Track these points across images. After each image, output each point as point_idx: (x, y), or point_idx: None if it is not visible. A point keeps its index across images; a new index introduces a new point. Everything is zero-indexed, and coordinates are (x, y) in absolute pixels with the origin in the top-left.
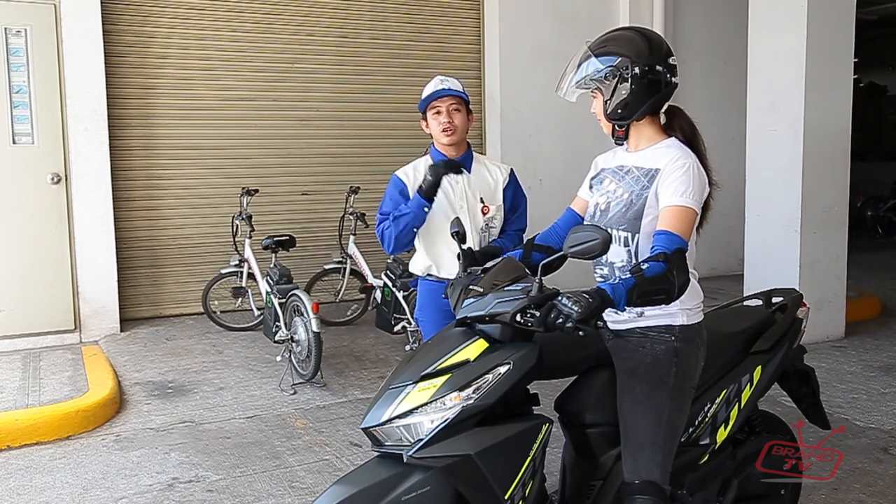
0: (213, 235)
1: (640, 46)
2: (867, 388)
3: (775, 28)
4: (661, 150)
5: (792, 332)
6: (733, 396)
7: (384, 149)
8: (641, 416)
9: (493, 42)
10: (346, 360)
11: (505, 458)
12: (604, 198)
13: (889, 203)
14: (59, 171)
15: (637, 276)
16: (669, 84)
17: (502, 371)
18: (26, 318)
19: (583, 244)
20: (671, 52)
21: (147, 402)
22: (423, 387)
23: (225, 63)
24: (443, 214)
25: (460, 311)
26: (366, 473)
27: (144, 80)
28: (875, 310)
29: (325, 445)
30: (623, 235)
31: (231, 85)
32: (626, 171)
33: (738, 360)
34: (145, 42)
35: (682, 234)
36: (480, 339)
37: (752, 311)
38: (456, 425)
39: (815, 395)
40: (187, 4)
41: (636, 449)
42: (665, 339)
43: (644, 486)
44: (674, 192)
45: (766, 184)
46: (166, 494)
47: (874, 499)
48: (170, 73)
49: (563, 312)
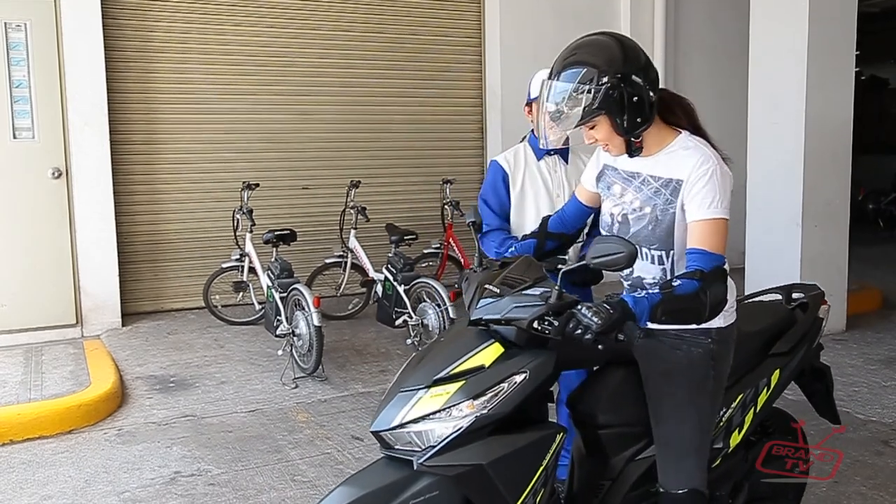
0: (214, 230)
1: (611, 54)
2: (868, 381)
3: (777, 21)
4: (677, 155)
5: (812, 333)
6: (749, 401)
7: (385, 143)
8: (684, 423)
9: (494, 36)
10: (347, 354)
11: (517, 467)
12: (618, 208)
13: (890, 196)
14: (59, 165)
15: (666, 292)
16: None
17: (518, 380)
18: (28, 312)
19: (607, 256)
20: (651, 64)
21: (149, 396)
22: (436, 392)
23: (226, 57)
24: (541, 202)
25: (475, 311)
26: (374, 475)
27: (145, 75)
28: (876, 303)
29: (327, 439)
30: (656, 254)
31: (232, 79)
32: (640, 180)
33: (756, 361)
34: (146, 36)
35: (717, 250)
36: (496, 343)
37: (771, 309)
38: (468, 434)
39: (829, 393)
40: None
41: (680, 457)
42: (701, 341)
43: (691, 495)
44: (700, 204)
45: (768, 177)
46: (168, 488)
47: (875, 491)
48: (170, 68)
49: (582, 323)
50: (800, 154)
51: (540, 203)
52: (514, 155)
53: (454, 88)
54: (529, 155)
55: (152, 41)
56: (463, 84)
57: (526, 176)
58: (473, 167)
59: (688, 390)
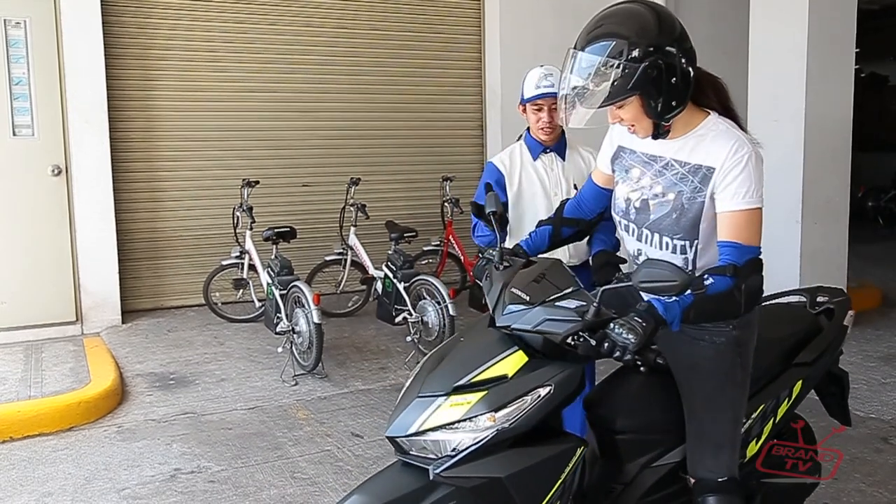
0: (214, 227)
1: (643, 22)
2: (867, 377)
3: (777, 19)
4: (707, 139)
5: (837, 342)
6: (770, 411)
7: (385, 140)
8: (717, 416)
9: (494, 35)
10: (347, 352)
11: (536, 480)
12: (636, 193)
13: (890, 194)
14: (59, 163)
15: (698, 293)
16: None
17: (542, 394)
18: (28, 310)
19: (657, 283)
20: (686, 35)
21: (149, 393)
22: (456, 402)
23: (226, 55)
24: (538, 202)
25: (502, 318)
26: (389, 483)
27: (145, 72)
28: (875, 300)
29: (327, 436)
30: (679, 244)
31: (232, 76)
32: (663, 164)
33: (778, 371)
34: (146, 33)
35: (752, 242)
36: (519, 351)
37: (795, 315)
38: (488, 446)
39: (844, 397)
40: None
41: (716, 449)
42: (724, 330)
43: (727, 483)
44: (735, 194)
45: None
46: (168, 485)
47: (874, 488)
48: (171, 65)
49: (618, 344)
50: (800, 151)
51: (537, 203)
52: (510, 156)
53: (454, 86)
54: (525, 154)
55: (152, 38)
56: (463, 82)
57: (522, 176)
58: (473, 165)
59: (717, 382)
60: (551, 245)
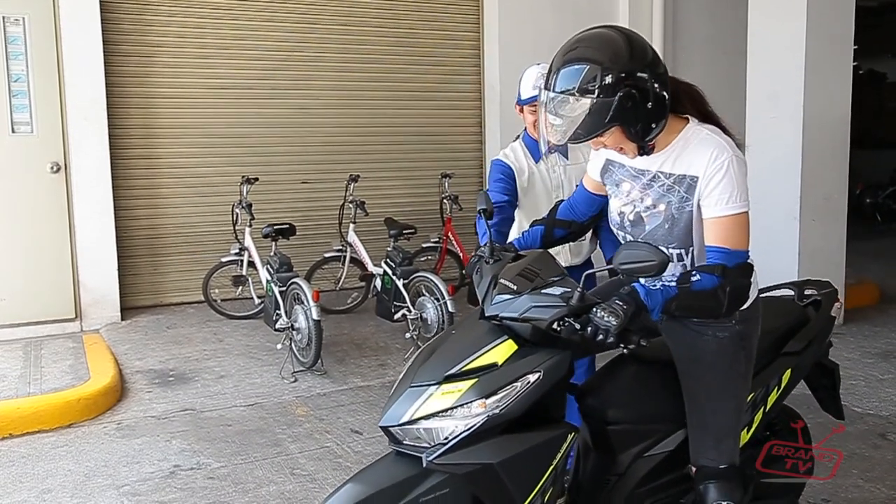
0: (213, 224)
1: (615, 48)
2: (865, 374)
3: (775, 16)
4: (689, 149)
5: (824, 332)
6: (760, 400)
7: (384, 137)
8: (720, 408)
9: (493, 31)
10: (346, 348)
11: (527, 467)
12: (629, 207)
13: (888, 191)
14: (58, 160)
15: (682, 287)
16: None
17: (531, 380)
18: (27, 307)
19: (636, 263)
20: (659, 59)
21: (148, 390)
22: (447, 390)
23: (225, 51)
24: (539, 202)
25: (490, 307)
26: (382, 472)
27: (144, 69)
28: (874, 297)
29: (326, 433)
30: (675, 252)
31: (231, 73)
32: (650, 177)
33: (767, 360)
34: (144, 30)
35: (740, 246)
36: (509, 340)
37: (784, 307)
38: (479, 433)
39: (835, 389)
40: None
41: (720, 437)
42: (727, 325)
43: (728, 470)
44: (718, 200)
45: (766, 172)
46: (168, 482)
47: (871, 484)
48: (169, 62)
49: (600, 328)
50: (798, 148)
51: (539, 202)
52: (514, 153)
53: (453, 83)
54: (526, 154)
55: (151, 35)
56: (462, 79)
57: (526, 175)
58: (472, 162)
59: (720, 374)
60: (543, 245)
